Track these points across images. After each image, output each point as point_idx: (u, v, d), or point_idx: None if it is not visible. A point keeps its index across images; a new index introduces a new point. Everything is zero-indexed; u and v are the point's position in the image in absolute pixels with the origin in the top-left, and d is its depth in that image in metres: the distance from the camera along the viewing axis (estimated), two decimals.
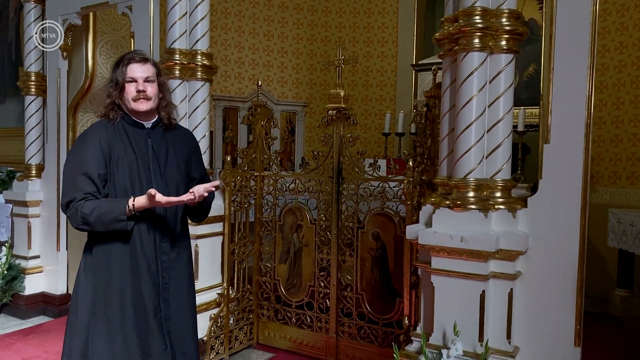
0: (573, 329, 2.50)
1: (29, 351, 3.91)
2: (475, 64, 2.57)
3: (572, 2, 2.49)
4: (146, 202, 2.04)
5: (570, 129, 2.49)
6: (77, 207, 2.07)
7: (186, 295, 2.33)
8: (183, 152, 2.33)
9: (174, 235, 2.27)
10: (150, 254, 2.17)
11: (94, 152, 2.11)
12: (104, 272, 2.15)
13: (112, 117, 2.19)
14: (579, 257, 2.49)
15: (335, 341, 3.71)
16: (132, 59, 2.20)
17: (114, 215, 2.04)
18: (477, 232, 2.49)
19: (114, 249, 2.14)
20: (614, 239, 4.86)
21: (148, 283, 2.16)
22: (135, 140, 2.22)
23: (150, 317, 2.16)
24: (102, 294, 2.14)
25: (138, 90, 2.16)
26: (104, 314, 2.13)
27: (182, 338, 2.29)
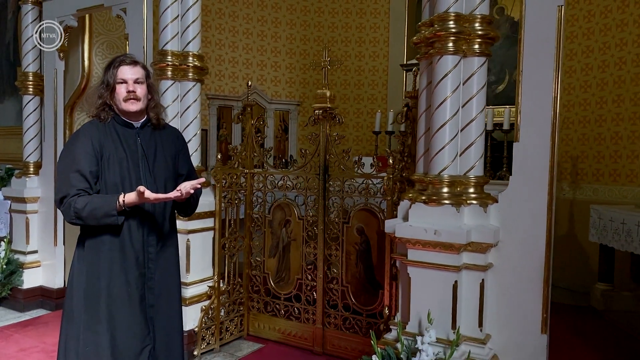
0: (540, 317, 2.65)
1: (27, 342, 4.05)
2: (449, 66, 2.72)
3: (539, 9, 2.63)
4: (136, 198, 2.17)
5: (538, 128, 2.64)
6: (70, 203, 2.18)
7: (171, 285, 2.46)
8: (171, 150, 2.46)
9: (162, 229, 2.39)
10: (137, 247, 2.30)
11: (86, 151, 2.23)
12: (95, 263, 2.27)
13: (103, 118, 2.32)
14: (546, 249, 2.64)
15: (321, 332, 3.86)
16: (123, 62, 2.32)
17: (105, 211, 2.17)
18: (450, 225, 2.64)
19: (104, 242, 2.27)
20: (595, 234, 5.01)
21: (135, 273, 2.30)
22: (125, 139, 2.34)
23: (136, 304, 2.30)
24: (92, 283, 2.27)
25: (128, 91, 2.29)
26: (94, 302, 2.26)
27: (166, 325, 2.42)
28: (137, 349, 2.30)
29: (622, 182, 5.49)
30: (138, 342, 2.30)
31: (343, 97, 7.55)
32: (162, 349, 2.41)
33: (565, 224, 6.02)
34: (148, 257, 2.34)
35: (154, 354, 2.36)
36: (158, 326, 2.39)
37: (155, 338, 2.37)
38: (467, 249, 2.68)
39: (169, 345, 2.44)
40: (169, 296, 2.45)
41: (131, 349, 2.29)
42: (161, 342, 2.40)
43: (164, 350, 2.42)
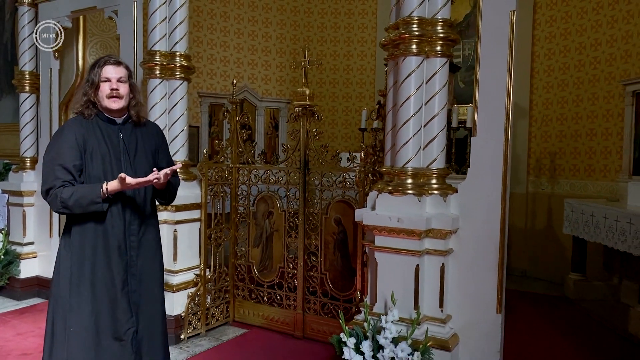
0: (495, 298, 2.87)
1: (23, 327, 4.27)
2: (413, 66, 2.93)
3: (493, 13, 2.84)
4: (117, 185, 2.33)
5: (493, 124, 2.85)
6: (57, 194, 2.31)
7: (152, 271, 2.60)
8: (151, 145, 2.62)
9: (143, 217, 2.54)
10: (120, 234, 2.44)
11: (69, 145, 2.38)
12: (80, 250, 2.42)
13: (87, 115, 2.47)
14: (500, 236, 2.86)
15: (302, 317, 4.08)
16: (107, 62, 2.48)
17: (90, 199, 2.32)
18: (412, 213, 2.86)
19: (89, 229, 2.41)
20: (568, 226, 5.24)
21: (117, 260, 2.44)
22: (108, 134, 2.49)
23: (118, 289, 2.44)
24: (77, 269, 2.42)
25: (112, 89, 2.44)
26: (78, 287, 2.41)
27: (149, 308, 2.56)
28: (121, 331, 2.43)
29: (596, 177, 5.72)
30: (121, 325, 2.43)
31: (332, 95, 7.77)
32: (146, 332, 2.53)
33: (543, 217, 6.24)
34: (130, 245, 2.48)
35: (136, 337, 2.49)
36: (141, 310, 2.51)
37: (139, 321, 2.50)
38: (429, 235, 2.90)
39: (152, 328, 2.57)
40: (151, 281, 2.58)
41: (115, 331, 2.42)
42: (144, 325, 2.53)
43: (147, 334, 2.54)
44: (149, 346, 2.54)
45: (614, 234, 4.38)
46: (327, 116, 7.76)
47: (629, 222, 4.14)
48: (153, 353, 2.57)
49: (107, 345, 2.41)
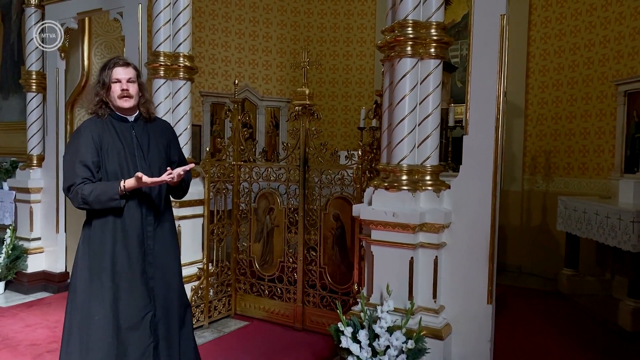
0: (486, 289, 2.99)
1: (31, 320, 4.41)
2: (408, 67, 3.06)
3: (485, 17, 2.96)
4: (134, 183, 2.48)
5: (484, 123, 2.98)
6: (77, 190, 2.46)
7: (169, 259, 2.74)
8: (162, 140, 2.77)
9: (158, 210, 2.70)
10: (137, 226, 2.59)
11: (87, 144, 2.54)
12: (99, 242, 2.57)
13: (101, 114, 2.63)
14: (491, 230, 2.98)
15: (301, 309, 4.21)
16: (117, 63, 2.63)
17: (109, 195, 2.48)
18: (407, 208, 2.99)
19: (108, 222, 2.56)
20: (562, 223, 5.38)
21: (135, 249, 2.59)
22: (122, 132, 2.64)
23: (137, 276, 2.59)
24: (97, 260, 2.55)
25: (122, 89, 2.58)
26: (98, 276, 2.54)
27: (165, 294, 2.70)
28: (140, 316, 2.57)
29: (589, 175, 5.85)
30: (140, 311, 2.57)
31: (331, 94, 7.90)
32: (162, 316, 2.67)
33: (538, 215, 6.37)
34: (147, 235, 2.63)
35: (154, 321, 2.63)
36: (158, 296, 2.66)
37: (156, 306, 2.64)
38: (422, 229, 3.03)
39: (169, 312, 2.71)
40: (168, 268, 2.73)
41: (134, 316, 2.56)
42: (161, 310, 2.67)
43: (164, 317, 2.68)
44: (166, 330, 2.68)
45: (604, 230, 4.51)
46: (326, 115, 7.88)
47: (619, 218, 4.27)
48: (170, 337, 2.70)
49: (126, 331, 2.54)
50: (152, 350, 2.59)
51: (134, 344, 2.55)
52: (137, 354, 2.55)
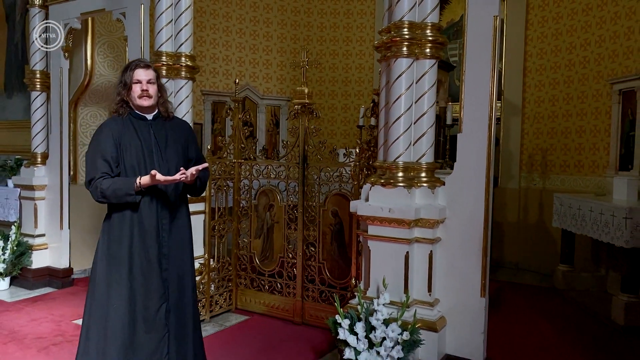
0: (480, 283, 3.08)
1: (37, 314, 4.51)
2: (404, 67, 3.15)
3: (478, 18, 3.05)
4: (149, 180, 2.61)
5: (477, 121, 3.07)
6: (97, 185, 2.62)
7: (182, 252, 2.87)
8: (180, 138, 2.89)
9: (173, 205, 2.81)
10: (153, 220, 2.73)
11: (107, 141, 2.68)
12: (118, 234, 2.71)
13: (122, 113, 2.78)
14: (484, 225, 3.07)
15: (301, 304, 4.30)
16: (138, 65, 2.79)
17: (125, 191, 2.61)
18: (402, 204, 3.08)
19: (126, 216, 2.70)
20: (557, 219, 5.46)
21: (151, 241, 2.72)
22: (140, 130, 2.78)
23: (154, 267, 2.73)
24: (115, 250, 2.71)
25: (142, 90, 2.74)
26: (116, 267, 2.70)
27: (178, 285, 2.83)
28: (156, 306, 2.71)
29: (584, 172, 5.93)
30: (156, 300, 2.72)
31: (331, 93, 7.98)
32: (175, 306, 2.81)
33: (535, 212, 6.46)
34: (162, 229, 2.76)
35: (169, 311, 2.76)
36: (172, 287, 2.80)
37: (169, 297, 2.78)
38: (418, 225, 3.12)
39: (182, 302, 2.84)
40: (181, 261, 2.86)
41: (150, 307, 2.70)
42: (174, 300, 2.81)
43: (177, 307, 2.82)
44: (177, 321, 2.80)
45: (598, 226, 4.59)
46: (326, 113, 7.97)
47: (612, 214, 4.36)
48: (181, 328, 2.83)
49: (142, 321, 2.68)
50: (167, 339, 2.73)
51: (150, 334, 2.69)
52: (154, 343, 2.68)
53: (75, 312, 4.53)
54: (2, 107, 6.42)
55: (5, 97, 6.38)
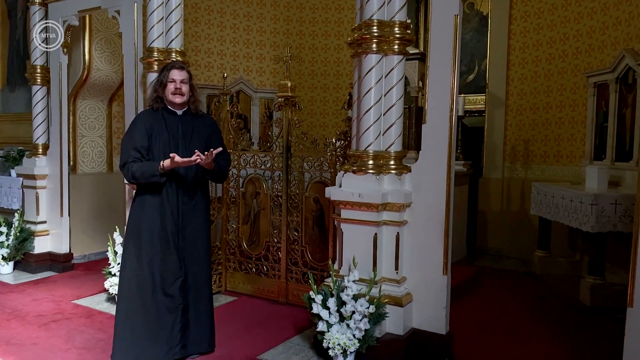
0: (442, 261, 3.34)
1: (38, 295, 4.80)
2: (373, 63, 3.39)
3: (440, 17, 3.27)
4: (170, 162, 3.00)
5: (440, 113, 3.30)
6: (129, 167, 3.07)
7: (199, 234, 3.27)
8: (204, 132, 3.31)
9: (193, 190, 3.23)
10: (173, 202, 3.17)
11: (140, 131, 3.13)
12: (141, 213, 3.17)
13: (156, 107, 3.21)
14: (446, 209, 3.32)
15: (285, 285, 4.58)
16: (173, 67, 3.22)
17: (151, 172, 3.04)
18: (371, 189, 3.33)
19: (149, 198, 3.14)
20: (535, 207, 5.70)
21: (170, 222, 3.16)
22: (170, 123, 3.21)
23: (171, 245, 3.16)
24: (138, 227, 3.16)
25: (176, 88, 3.16)
26: (141, 241, 3.13)
27: (194, 262, 3.25)
28: (172, 279, 3.14)
29: (563, 162, 6.16)
30: (172, 274, 3.15)
31: (323, 86, 8.21)
32: (192, 282, 3.23)
33: (517, 201, 6.70)
34: (181, 211, 3.19)
35: (185, 286, 3.19)
36: (188, 265, 3.22)
37: (187, 274, 3.20)
38: (386, 209, 3.37)
39: (197, 279, 3.27)
40: (197, 242, 3.27)
41: (167, 278, 3.13)
42: (191, 277, 3.23)
43: (193, 284, 3.23)
44: (195, 296, 3.24)
45: (569, 212, 4.83)
46: (318, 106, 8.22)
47: (581, 201, 4.59)
48: (198, 302, 3.26)
49: (161, 292, 3.12)
50: (180, 311, 3.15)
51: (167, 305, 3.12)
52: (171, 313, 3.13)
53: (74, 293, 4.83)
54: (5, 101, 6.70)
55: (8, 91, 6.66)
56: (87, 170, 6.16)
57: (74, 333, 3.83)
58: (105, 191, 6.12)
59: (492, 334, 4.00)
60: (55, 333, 3.84)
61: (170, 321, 3.14)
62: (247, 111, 7.78)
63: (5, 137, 6.68)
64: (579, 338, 3.90)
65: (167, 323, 3.13)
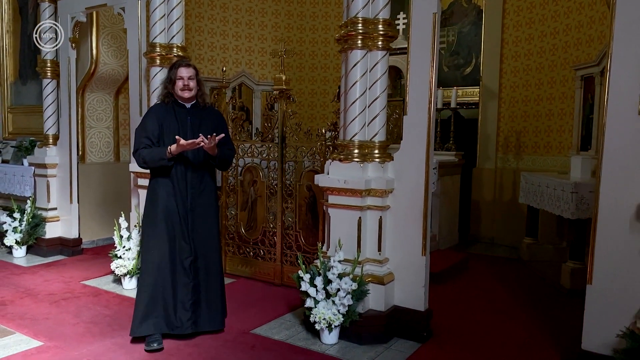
0: (421, 244, 3.58)
1: (50, 276, 5.12)
2: (358, 58, 3.62)
3: (420, 14, 3.49)
4: (176, 147, 3.29)
5: (420, 106, 3.53)
6: (140, 153, 3.39)
7: (208, 215, 3.56)
8: (211, 124, 3.57)
9: (200, 174, 3.51)
10: (182, 185, 3.47)
11: (152, 121, 3.44)
12: (154, 196, 3.48)
13: (167, 101, 3.51)
14: (425, 195, 3.55)
15: (280, 268, 4.85)
16: (181, 64, 3.51)
17: (159, 157, 3.36)
18: (356, 177, 3.58)
19: (160, 182, 3.45)
20: (523, 196, 5.92)
21: (180, 204, 3.46)
22: (179, 115, 3.52)
23: (183, 226, 3.45)
24: (151, 208, 3.48)
25: (184, 84, 3.45)
26: (153, 221, 3.45)
27: (203, 242, 3.53)
28: (181, 260, 3.43)
29: (552, 153, 6.36)
30: (184, 253, 3.43)
31: (323, 79, 8.44)
32: (202, 262, 3.51)
33: (509, 190, 6.91)
34: (190, 194, 3.48)
35: (195, 265, 3.48)
36: (198, 245, 3.51)
37: (197, 255, 3.49)
38: (370, 194, 3.62)
39: (207, 258, 3.54)
40: (207, 223, 3.56)
41: (178, 256, 3.42)
42: (200, 256, 3.52)
43: (204, 263, 3.52)
44: (205, 274, 3.53)
45: (552, 200, 5.05)
46: (319, 98, 8.46)
47: (562, 190, 4.81)
48: (209, 280, 3.55)
49: (173, 271, 3.42)
50: (191, 288, 3.45)
51: (179, 282, 3.43)
52: (182, 290, 3.43)
53: (83, 275, 5.14)
54: (17, 93, 7.01)
55: (20, 84, 6.96)
56: (95, 160, 6.47)
57: (82, 309, 4.14)
58: (112, 180, 6.41)
59: (472, 313, 4.24)
60: (65, 309, 4.15)
61: (183, 297, 3.43)
62: (249, 103, 8.05)
63: (18, 128, 7.01)
64: (555, 318, 4.13)
65: (181, 298, 3.43)
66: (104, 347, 3.40)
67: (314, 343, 3.53)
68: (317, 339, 3.57)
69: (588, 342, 3.02)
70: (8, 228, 5.78)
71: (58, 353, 3.32)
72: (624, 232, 2.87)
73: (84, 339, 3.54)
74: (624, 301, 2.88)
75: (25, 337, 3.56)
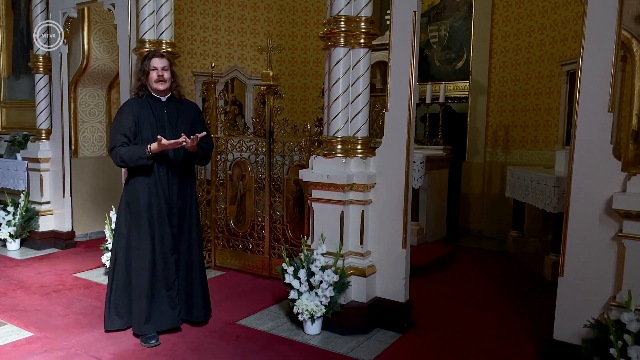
0: (401, 237, 3.67)
1: (42, 269, 5.21)
2: (341, 55, 3.69)
3: (401, 12, 3.56)
4: (157, 145, 3.23)
5: (400, 102, 3.61)
6: (117, 151, 3.27)
7: (190, 213, 3.56)
8: (189, 117, 3.54)
9: (181, 171, 3.49)
10: (164, 182, 3.41)
11: (127, 117, 3.34)
12: (135, 194, 3.40)
13: (141, 95, 3.42)
14: (405, 190, 3.64)
15: (268, 260, 4.95)
16: (154, 55, 3.42)
17: (138, 155, 3.27)
18: (338, 172, 3.66)
19: (141, 179, 3.36)
20: (509, 190, 6.01)
21: (163, 201, 3.41)
22: (156, 109, 3.43)
23: (165, 222, 3.42)
24: (134, 207, 3.40)
25: (158, 75, 3.36)
26: (135, 221, 3.39)
27: (187, 238, 3.54)
28: (166, 257, 3.41)
29: (539, 147, 6.44)
30: (168, 249, 3.43)
31: (315, 73, 8.49)
32: (185, 257, 3.53)
33: (498, 184, 7.00)
34: (171, 191, 3.45)
35: (178, 260, 3.48)
36: (181, 241, 3.52)
37: (180, 251, 3.50)
38: (352, 189, 3.70)
39: (189, 254, 3.57)
40: (189, 219, 3.56)
41: (164, 253, 3.41)
42: (183, 252, 3.53)
43: (186, 258, 3.54)
44: (187, 268, 3.54)
45: (536, 194, 5.14)
46: (310, 92, 8.52)
47: (545, 184, 4.90)
48: (191, 274, 3.57)
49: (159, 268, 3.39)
50: (177, 284, 3.47)
51: (163, 279, 3.41)
52: (166, 286, 3.42)
53: (75, 268, 5.23)
54: (11, 88, 7.07)
55: (13, 79, 7.02)
56: (88, 154, 6.54)
57: (73, 301, 4.23)
58: (105, 174, 6.49)
59: (454, 304, 4.35)
60: (56, 301, 4.24)
61: (171, 292, 3.45)
62: (242, 97, 8.11)
63: (11, 122, 7.08)
64: (534, 309, 4.24)
65: (169, 294, 3.44)
66: (92, 338, 3.50)
67: (297, 333, 3.63)
68: (301, 329, 3.67)
69: (559, 332, 3.12)
70: (2, 221, 5.86)
71: (47, 343, 3.42)
72: (593, 225, 2.96)
73: (73, 330, 3.64)
74: (593, 292, 2.98)
75: (16, 328, 3.66)
